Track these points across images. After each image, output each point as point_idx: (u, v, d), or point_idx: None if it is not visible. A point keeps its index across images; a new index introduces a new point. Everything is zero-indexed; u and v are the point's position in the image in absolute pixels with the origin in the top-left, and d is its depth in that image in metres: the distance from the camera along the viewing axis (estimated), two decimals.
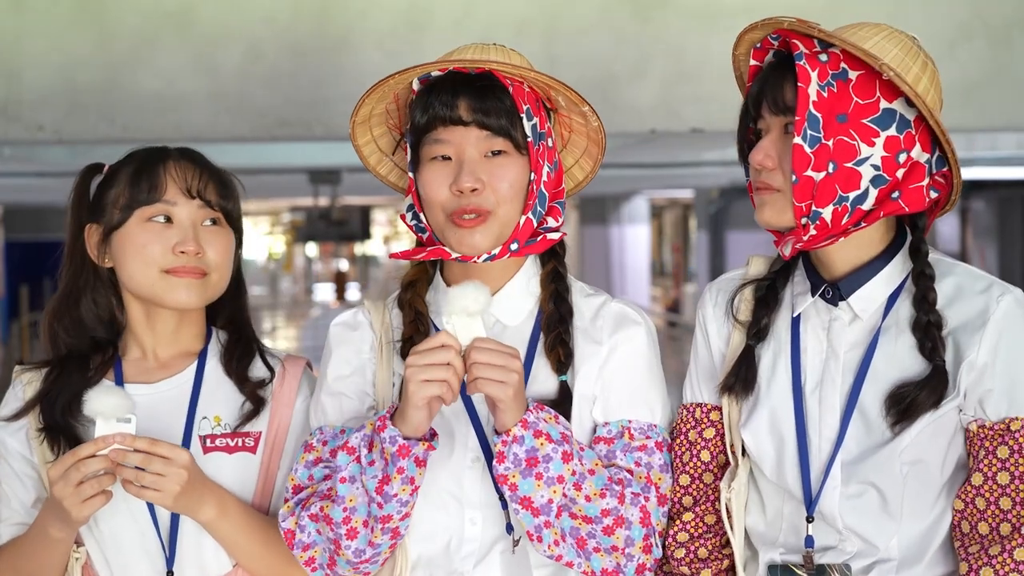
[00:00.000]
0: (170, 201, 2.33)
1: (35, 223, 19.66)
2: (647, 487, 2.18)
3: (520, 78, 2.21)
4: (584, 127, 2.30)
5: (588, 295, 2.31)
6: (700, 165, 12.48)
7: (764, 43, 2.18)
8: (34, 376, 2.40)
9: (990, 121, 4.58)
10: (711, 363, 2.30)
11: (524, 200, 2.21)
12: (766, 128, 2.15)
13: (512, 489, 2.08)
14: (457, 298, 2.09)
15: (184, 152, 2.40)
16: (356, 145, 2.35)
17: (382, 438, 2.08)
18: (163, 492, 2.18)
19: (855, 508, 2.15)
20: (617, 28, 4.51)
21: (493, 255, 2.20)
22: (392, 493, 2.09)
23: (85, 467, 2.15)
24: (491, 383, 2.05)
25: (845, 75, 2.09)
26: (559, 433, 2.10)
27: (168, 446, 2.19)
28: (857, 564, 2.16)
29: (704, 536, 2.27)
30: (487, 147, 2.19)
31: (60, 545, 2.27)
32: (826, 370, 2.19)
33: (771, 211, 2.13)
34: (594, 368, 2.24)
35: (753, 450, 2.22)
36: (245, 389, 2.37)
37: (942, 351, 2.12)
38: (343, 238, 24.15)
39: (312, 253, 42.14)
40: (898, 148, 2.10)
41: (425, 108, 2.20)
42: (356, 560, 2.15)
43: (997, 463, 2.12)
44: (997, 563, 2.09)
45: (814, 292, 2.21)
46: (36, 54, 4.45)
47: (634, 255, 23.28)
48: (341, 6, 4.50)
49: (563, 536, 2.11)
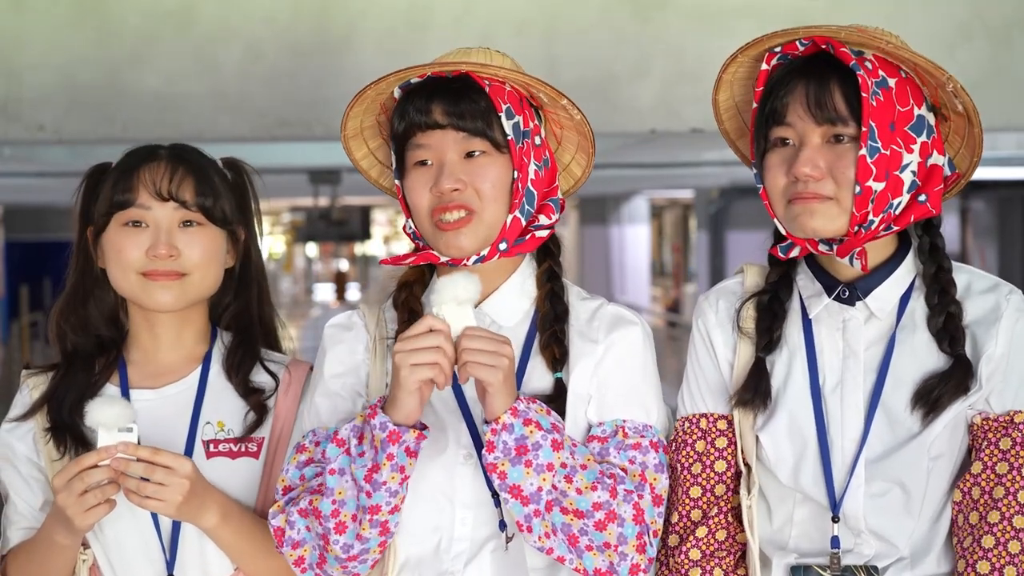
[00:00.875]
0: (143, 205, 2.33)
1: (35, 223, 19.64)
2: (641, 485, 2.17)
3: (496, 77, 2.21)
4: (572, 122, 2.30)
5: (584, 298, 2.31)
6: (700, 165, 12.47)
7: (787, 48, 2.17)
8: (40, 380, 2.41)
9: (990, 121, 4.55)
10: (716, 373, 2.29)
11: (510, 199, 2.21)
12: (798, 136, 2.13)
13: (501, 477, 2.08)
14: (447, 287, 2.09)
15: (170, 151, 2.39)
16: (353, 159, 2.36)
17: (372, 425, 2.08)
18: (165, 502, 2.18)
19: (878, 507, 2.16)
20: (617, 28, 4.50)
21: (482, 256, 2.20)
22: (381, 481, 2.08)
23: (89, 477, 2.16)
24: (481, 367, 2.06)
25: (885, 83, 2.10)
26: (549, 423, 2.10)
27: (171, 456, 2.19)
28: (876, 565, 2.17)
29: (717, 555, 2.25)
30: (465, 148, 2.19)
31: (66, 551, 2.28)
32: (846, 369, 2.20)
33: (823, 219, 2.12)
34: (589, 367, 2.23)
35: (771, 455, 2.21)
36: (249, 399, 2.37)
37: (963, 341, 2.15)
38: (343, 238, 24.17)
39: (312, 253, 42.16)
40: (928, 153, 2.14)
41: (402, 115, 2.21)
42: (344, 556, 2.14)
43: (998, 453, 2.14)
44: (993, 556, 2.10)
45: (828, 293, 2.22)
46: (36, 54, 4.45)
47: (634, 255, 23.26)
48: (341, 6, 4.50)
49: (554, 530, 2.10)
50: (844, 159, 2.10)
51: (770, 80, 2.17)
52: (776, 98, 2.15)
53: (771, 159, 2.17)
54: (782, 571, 2.21)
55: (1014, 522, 2.11)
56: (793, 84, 2.13)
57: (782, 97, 2.14)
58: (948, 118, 2.20)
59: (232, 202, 2.40)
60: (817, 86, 2.12)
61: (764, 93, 2.17)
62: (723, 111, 2.30)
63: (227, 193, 2.40)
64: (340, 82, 4.42)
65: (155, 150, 2.39)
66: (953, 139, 2.23)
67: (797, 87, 2.13)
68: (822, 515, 2.19)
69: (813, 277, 2.24)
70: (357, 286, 36.61)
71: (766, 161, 2.17)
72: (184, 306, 2.36)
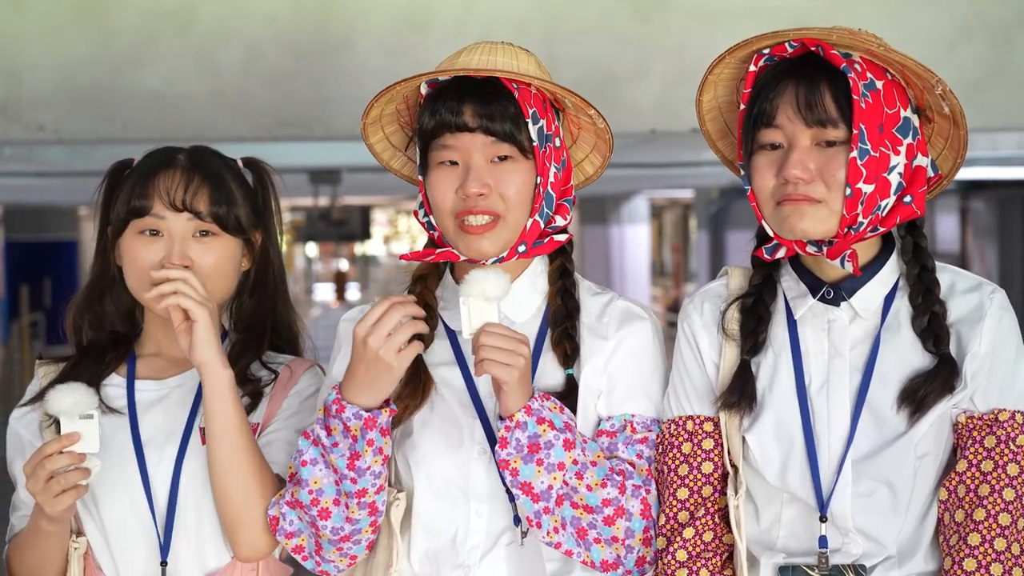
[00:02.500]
0: (158, 215, 2.35)
1: (35, 223, 19.63)
2: (648, 480, 2.21)
3: (525, 81, 2.22)
4: (592, 125, 2.31)
5: (595, 293, 2.33)
6: (700, 165, 12.46)
7: (775, 49, 2.17)
8: (52, 369, 2.45)
9: (990, 121, 4.57)
10: (702, 375, 2.29)
11: (531, 203, 2.22)
12: (788, 139, 2.14)
13: (513, 474, 2.11)
14: (477, 280, 2.11)
15: (189, 156, 2.39)
16: (369, 143, 2.37)
17: (344, 418, 2.11)
18: (199, 320, 2.25)
19: (865, 506, 2.17)
20: (617, 28, 4.50)
21: (501, 257, 2.22)
22: (365, 467, 2.12)
23: (51, 464, 2.19)
24: (497, 365, 2.07)
25: (874, 85, 2.11)
26: (562, 422, 2.12)
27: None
28: (864, 564, 2.17)
29: (703, 556, 2.26)
30: (493, 152, 2.21)
31: (52, 537, 2.30)
32: (832, 370, 2.20)
33: (812, 221, 2.13)
34: (600, 362, 2.26)
35: (758, 455, 2.22)
36: (244, 387, 2.38)
37: (947, 341, 2.15)
38: (343, 238, 24.15)
39: (312, 253, 42.12)
40: (913, 155, 2.14)
41: (432, 114, 2.22)
42: (335, 538, 2.19)
43: (983, 451, 2.15)
44: (979, 553, 2.10)
45: (813, 294, 2.22)
46: (36, 54, 4.45)
47: (634, 255, 23.24)
48: (341, 6, 4.49)
49: (563, 524, 2.13)
50: (834, 161, 2.11)
51: (758, 81, 2.16)
52: (765, 100, 2.15)
53: (759, 160, 2.17)
54: (770, 571, 2.22)
55: (999, 519, 2.12)
56: (783, 86, 2.13)
57: (771, 99, 2.14)
58: (932, 120, 2.21)
59: (248, 207, 2.41)
60: (807, 88, 2.12)
61: (752, 94, 2.17)
62: (706, 112, 2.31)
63: (243, 199, 2.41)
64: (340, 82, 4.42)
65: (173, 155, 2.39)
66: (936, 141, 2.24)
67: (787, 89, 2.13)
68: (809, 515, 2.20)
69: (797, 278, 2.25)
70: (357, 286, 36.59)
71: (754, 163, 2.18)
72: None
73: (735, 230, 18.50)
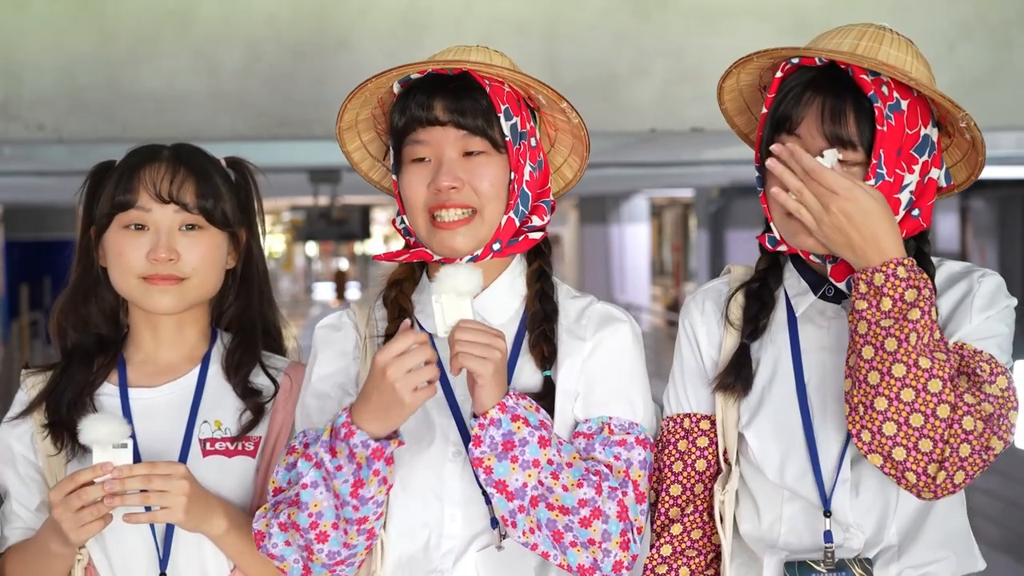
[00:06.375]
0: (144, 207, 2.33)
1: (35, 223, 19.62)
2: (625, 482, 2.16)
3: (497, 77, 2.21)
4: (568, 125, 2.30)
5: (574, 297, 2.31)
6: (700, 164, 12.45)
7: (804, 60, 2.16)
8: (39, 379, 2.42)
9: (990, 121, 4.57)
10: (701, 371, 2.30)
11: (506, 199, 2.21)
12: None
13: (487, 472, 2.08)
14: (449, 276, 2.10)
15: (173, 151, 2.38)
16: (345, 151, 2.35)
17: (352, 444, 2.08)
18: (172, 507, 2.19)
19: (865, 500, 2.18)
20: (617, 28, 4.51)
21: (475, 256, 2.20)
22: (368, 496, 2.09)
23: (85, 494, 2.17)
24: (472, 358, 2.06)
25: (899, 106, 2.11)
26: (537, 420, 2.10)
27: (164, 464, 2.21)
28: (869, 557, 2.18)
29: (687, 553, 2.27)
30: (464, 146, 2.19)
31: (60, 559, 2.29)
32: (831, 367, 2.20)
33: (816, 240, 2.11)
34: (577, 363, 2.24)
35: (757, 452, 2.22)
36: (247, 401, 2.37)
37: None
38: (343, 237, 24.13)
39: (312, 252, 42.15)
40: (927, 170, 2.15)
41: (403, 110, 2.21)
42: (331, 562, 2.15)
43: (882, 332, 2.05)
44: (866, 420, 2.04)
45: (814, 291, 2.23)
46: (36, 54, 4.45)
47: (634, 254, 23.25)
48: (341, 6, 4.50)
49: (538, 526, 2.10)
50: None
51: (783, 87, 2.16)
52: (789, 106, 2.15)
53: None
54: (775, 567, 2.22)
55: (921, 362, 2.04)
56: (809, 97, 2.13)
57: (797, 108, 2.14)
58: (952, 135, 2.21)
59: (234, 203, 2.40)
60: (833, 106, 2.11)
61: (776, 99, 2.17)
62: (728, 102, 2.30)
63: (229, 194, 2.39)
64: (340, 82, 4.42)
65: (157, 150, 2.38)
66: (954, 151, 2.24)
67: (814, 102, 2.13)
68: (810, 511, 2.20)
69: (799, 276, 2.26)
70: (357, 285, 36.60)
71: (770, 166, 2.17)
72: (183, 309, 2.37)
73: (735, 229, 18.51)
